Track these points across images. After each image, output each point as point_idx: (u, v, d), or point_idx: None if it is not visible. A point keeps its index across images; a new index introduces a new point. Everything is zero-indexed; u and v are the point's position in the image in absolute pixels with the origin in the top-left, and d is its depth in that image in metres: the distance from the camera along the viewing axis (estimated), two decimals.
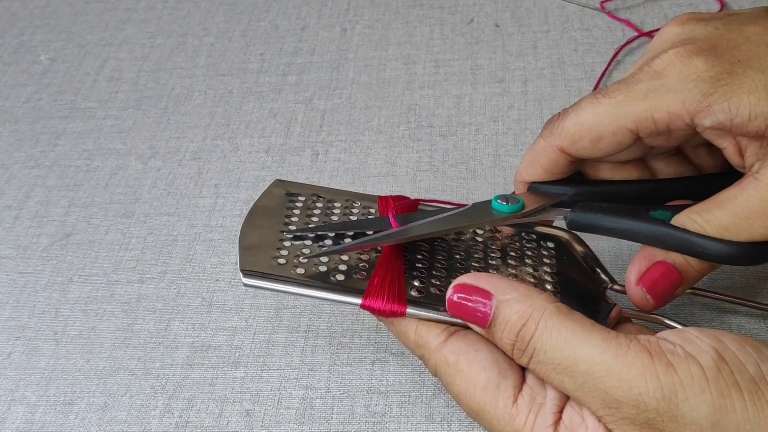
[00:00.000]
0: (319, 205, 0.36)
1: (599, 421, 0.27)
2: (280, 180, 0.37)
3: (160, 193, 0.50)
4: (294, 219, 0.35)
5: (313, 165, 0.50)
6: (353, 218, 0.35)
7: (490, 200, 0.34)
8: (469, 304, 0.29)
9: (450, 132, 0.50)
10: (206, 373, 0.40)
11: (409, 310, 0.31)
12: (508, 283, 0.29)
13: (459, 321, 0.31)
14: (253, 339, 0.41)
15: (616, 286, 0.34)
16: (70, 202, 0.51)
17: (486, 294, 0.29)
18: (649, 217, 0.30)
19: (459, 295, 0.29)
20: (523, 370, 0.30)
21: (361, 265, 0.33)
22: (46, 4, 0.68)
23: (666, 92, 0.29)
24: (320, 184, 0.38)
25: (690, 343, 0.26)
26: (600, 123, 0.30)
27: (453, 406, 0.37)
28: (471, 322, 0.29)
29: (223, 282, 0.44)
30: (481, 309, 0.29)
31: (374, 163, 0.49)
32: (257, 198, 0.36)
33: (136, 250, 0.47)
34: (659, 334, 0.27)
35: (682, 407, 0.24)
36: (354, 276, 0.32)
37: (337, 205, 0.36)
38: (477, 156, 0.48)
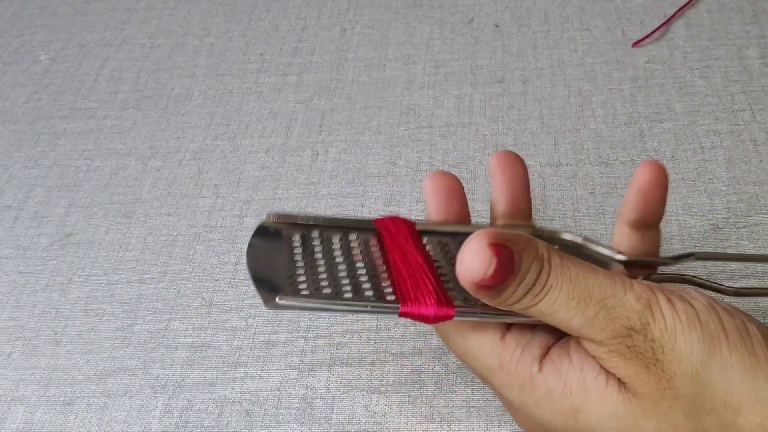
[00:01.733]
0: (317, 243, 0.32)
1: (585, 357, 0.27)
2: (271, 217, 0.32)
3: (160, 193, 0.50)
4: (297, 252, 0.31)
5: (313, 165, 0.50)
6: (355, 252, 0.31)
7: None
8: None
9: (450, 132, 0.50)
10: (206, 373, 0.40)
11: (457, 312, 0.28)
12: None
13: (491, 317, 0.29)
14: (253, 339, 0.41)
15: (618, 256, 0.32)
16: (70, 202, 0.51)
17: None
18: None
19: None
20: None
21: (384, 276, 0.30)
22: (46, 4, 0.68)
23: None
24: (313, 212, 0.32)
25: (686, 293, 0.27)
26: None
27: (452, 406, 0.37)
28: None
29: (223, 282, 0.44)
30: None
31: (374, 163, 0.49)
32: (249, 239, 0.31)
33: (136, 250, 0.47)
34: None
35: (679, 339, 0.25)
36: (380, 289, 0.29)
37: (335, 240, 0.32)
38: (477, 156, 0.48)
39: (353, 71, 0.56)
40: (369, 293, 0.29)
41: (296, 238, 0.32)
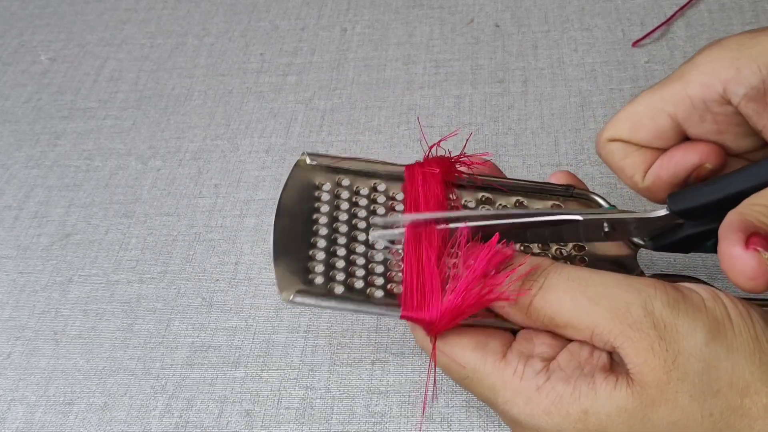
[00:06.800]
0: (345, 196, 0.33)
1: (596, 365, 0.28)
2: (305, 157, 0.34)
3: (160, 193, 0.50)
4: (322, 221, 0.32)
5: None
6: (380, 210, 0.33)
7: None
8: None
9: (450, 132, 0.50)
10: (206, 373, 0.40)
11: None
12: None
13: (490, 322, 0.30)
14: (253, 339, 0.41)
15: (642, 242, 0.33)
16: (70, 202, 0.51)
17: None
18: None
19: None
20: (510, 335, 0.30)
21: (397, 275, 0.31)
22: (46, 4, 0.68)
23: (696, 67, 0.30)
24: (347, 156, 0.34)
25: (691, 285, 0.28)
26: (636, 111, 0.32)
27: (453, 406, 0.37)
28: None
29: (223, 282, 0.44)
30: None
31: None
32: (282, 189, 0.33)
33: (136, 250, 0.47)
34: None
35: (682, 318, 0.26)
36: (389, 288, 0.31)
37: (363, 193, 0.33)
38: None
39: (353, 71, 0.56)
40: (378, 292, 0.30)
41: (324, 197, 0.33)
